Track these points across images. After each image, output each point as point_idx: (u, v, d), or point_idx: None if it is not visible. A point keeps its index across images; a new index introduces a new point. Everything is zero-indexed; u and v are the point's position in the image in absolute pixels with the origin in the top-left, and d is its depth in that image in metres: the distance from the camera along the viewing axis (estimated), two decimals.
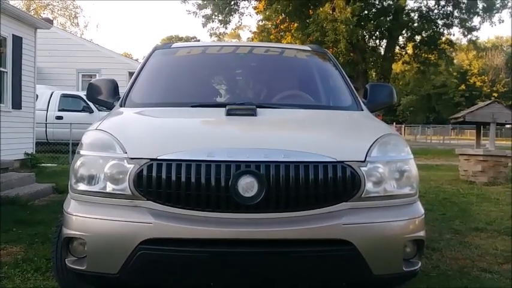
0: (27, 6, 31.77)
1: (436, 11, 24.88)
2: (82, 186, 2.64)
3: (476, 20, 25.64)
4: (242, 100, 3.58)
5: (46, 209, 6.56)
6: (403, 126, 44.03)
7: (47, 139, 14.77)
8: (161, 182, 2.45)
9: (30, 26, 11.50)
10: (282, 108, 3.57)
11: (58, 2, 34.12)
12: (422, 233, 2.72)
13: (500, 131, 32.25)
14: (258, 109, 3.16)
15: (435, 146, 30.25)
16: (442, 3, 24.36)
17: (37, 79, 12.37)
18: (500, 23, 25.17)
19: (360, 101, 3.77)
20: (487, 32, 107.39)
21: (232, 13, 26.69)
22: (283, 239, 2.47)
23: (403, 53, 26.88)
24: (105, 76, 15.43)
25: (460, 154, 11.25)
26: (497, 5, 23.54)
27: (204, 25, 26.64)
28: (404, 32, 25.08)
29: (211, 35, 27.60)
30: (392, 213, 2.65)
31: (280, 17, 25.34)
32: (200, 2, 25.51)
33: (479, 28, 25.60)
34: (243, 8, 27.14)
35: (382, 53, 25.60)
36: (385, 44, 25.82)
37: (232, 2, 25.90)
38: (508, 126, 23.54)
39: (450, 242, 5.16)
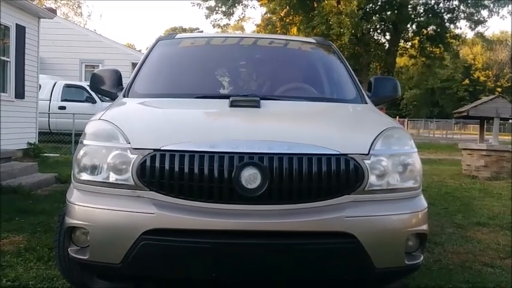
0: None
1: (441, 4, 24.77)
2: (85, 176, 2.64)
3: (484, 13, 25.46)
4: (246, 92, 3.58)
5: (48, 198, 6.58)
6: (406, 120, 43.92)
7: (50, 129, 14.78)
8: (164, 172, 2.45)
9: (34, 16, 11.47)
10: (285, 100, 3.56)
11: None
12: (425, 227, 2.71)
13: (504, 126, 32.14)
14: (261, 101, 3.15)
15: (438, 140, 30.19)
16: None
17: (40, 69, 12.35)
18: (511, 15, 25.19)
19: (364, 94, 3.76)
20: (491, 26, 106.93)
21: (236, 5, 26.64)
22: (285, 231, 2.47)
23: (408, 46, 26.80)
24: (108, 67, 15.41)
25: (463, 149, 11.23)
26: None
27: (208, 16, 26.64)
28: (409, 26, 25.00)
29: (214, 26, 27.58)
30: (396, 206, 2.64)
31: (285, 10, 25.30)
32: None
33: (486, 21, 25.52)
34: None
35: (387, 46, 25.54)
36: (389, 38, 25.76)
37: None
38: (511, 121, 23.46)
39: (452, 236, 5.16)
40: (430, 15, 24.46)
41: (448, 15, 25.25)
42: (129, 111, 3.26)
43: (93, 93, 14.81)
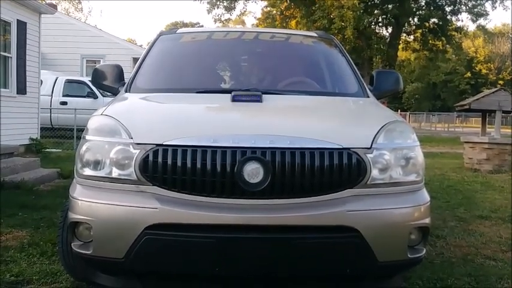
0: None
1: None
2: (88, 171, 2.65)
3: (487, 5, 25.42)
4: (247, 86, 3.57)
5: (51, 194, 6.59)
6: (408, 113, 43.88)
7: (52, 124, 14.80)
8: (167, 167, 2.45)
9: (35, 11, 11.46)
10: (287, 94, 3.56)
11: None
12: (427, 220, 2.71)
13: (506, 119, 32.06)
14: (263, 95, 3.15)
15: (440, 133, 30.16)
16: None
17: (41, 64, 12.35)
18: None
19: (366, 87, 3.75)
20: (493, 19, 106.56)
21: None
22: (288, 225, 2.48)
23: (410, 40, 26.72)
24: (110, 62, 15.39)
25: (465, 142, 11.21)
26: None
27: (209, 11, 26.62)
28: (411, 19, 24.93)
29: (215, 21, 27.56)
30: (398, 200, 2.64)
31: (285, 4, 25.24)
32: None
33: (488, 14, 25.44)
34: None
35: (388, 40, 25.49)
36: (391, 31, 25.70)
37: None
38: None
39: (454, 229, 5.16)
40: (432, 8, 24.37)
41: (450, 8, 25.16)
42: (131, 106, 3.26)
43: (94, 89, 14.83)
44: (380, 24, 25.83)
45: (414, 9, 24.63)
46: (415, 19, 25.36)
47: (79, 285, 3.27)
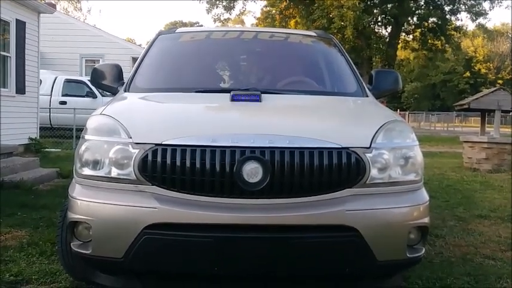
0: None
1: None
2: (87, 171, 2.65)
3: (485, 5, 25.44)
4: (247, 86, 3.57)
5: (50, 193, 6.59)
6: (407, 113, 43.88)
7: (51, 124, 14.79)
8: (166, 167, 2.45)
9: (34, 11, 11.45)
10: (286, 94, 3.55)
11: None
12: (426, 220, 2.72)
13: (505, 118, 32.08)
14: (262, 95, 3.15)
15: (439, 133, 30.17)
16: None
17: (40, 64, 12.34)
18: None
19: (365, 87, 3.75)
20: (492, 18, 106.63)
21: None
22: (287, 225, 2.48)
23: (410, 39, 26.75)
24: (109, 61, 15.37)
25: (465, 141, 11.22)
26: None
27: (209, 11, 26.63)
28: (410, 18, 24.95)
29: (215, 21, 27.59)
30: (397, 199, 2.64)
31: (285, 3, 25.26)
32: None
33: (487, 13, 25.44)
34: None
35: (387, 39, 25.51)
36: (390, 31, 25.72)
37: None
38: None
39: (453, 229, 5.17)
40: (431, 7, 24.39)
41: (449, 7, 25.18)
42: (131, 106, 3.26)
43: (93, 88, 14.82)
44: (379, 23, 25.86)
45: (413, 9, 24.65)
46: (414, 18, 25.39)
47: (78, 285, 3.27)
